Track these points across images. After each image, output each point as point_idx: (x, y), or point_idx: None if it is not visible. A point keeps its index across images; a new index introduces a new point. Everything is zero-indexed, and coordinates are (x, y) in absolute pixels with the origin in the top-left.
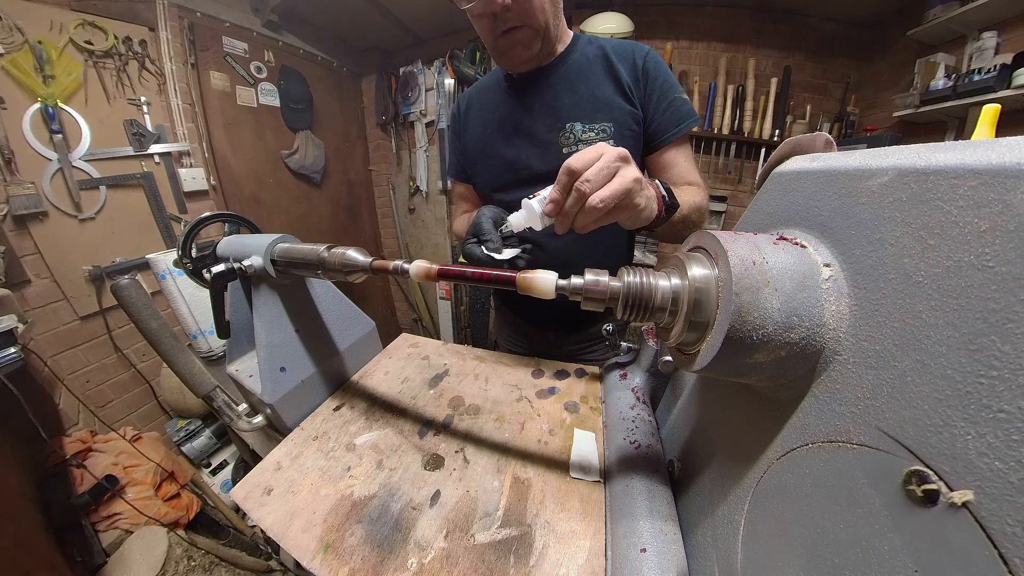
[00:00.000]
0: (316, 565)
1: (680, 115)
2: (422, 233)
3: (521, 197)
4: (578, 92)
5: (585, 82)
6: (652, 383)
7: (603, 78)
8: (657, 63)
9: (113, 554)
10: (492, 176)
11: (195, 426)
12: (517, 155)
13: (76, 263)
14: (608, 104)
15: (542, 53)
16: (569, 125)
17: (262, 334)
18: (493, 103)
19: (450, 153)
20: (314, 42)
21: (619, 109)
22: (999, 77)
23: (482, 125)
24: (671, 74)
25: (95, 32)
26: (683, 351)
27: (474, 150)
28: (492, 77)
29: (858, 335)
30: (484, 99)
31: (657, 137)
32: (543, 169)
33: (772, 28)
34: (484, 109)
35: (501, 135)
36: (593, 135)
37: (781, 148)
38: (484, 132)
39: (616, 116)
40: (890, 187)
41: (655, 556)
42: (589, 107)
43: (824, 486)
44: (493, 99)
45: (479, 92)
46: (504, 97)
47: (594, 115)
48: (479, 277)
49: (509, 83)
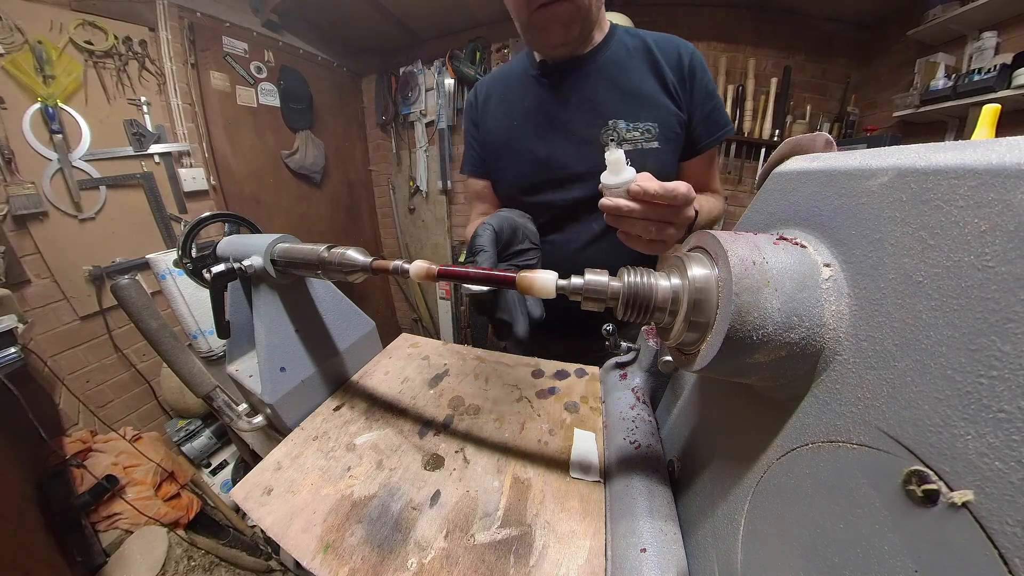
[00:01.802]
0: (316, 565)
1: (719, 124)
2: (422, 233)
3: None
4: (620, 86)
5: (627, 76)
6: (652, 383)
7: (646, 72)
8: (703, 64)
9: (113, 554)
10: (521, 174)
11: (195, 426)
12: (552, 152)
13: (76, 263)
14: (653, 102)
15: (580, 36)
16: (612, 122)
17: (262, 334)
18: (519, 92)
19: (466, 146)
20: (314, 42)
21: (664, 109)
22: (999, 77)
23: (506, 116)
24: (710, 75)
25: (95, 32)
26: (683, 351)
27: (497, 142)
28: (517, 64)
29: (858, 335)
30: (508, 87)
31: (695, 144)
32: (582, 169)
33: (772, 28)
34: (508, 98)
35: (532, 128)
36: (638, 135)
37: (781, 148)
38: (509, 123)
39: (661, 116)
40: (890, 187)
41: (655, 556)
42: (633, 104)
43: (824, 486)
44: (519, 88)
45: (501, 79)
46: (533, 86)
47: (638, 113)
48: (479, 277)
49: (542, 71)
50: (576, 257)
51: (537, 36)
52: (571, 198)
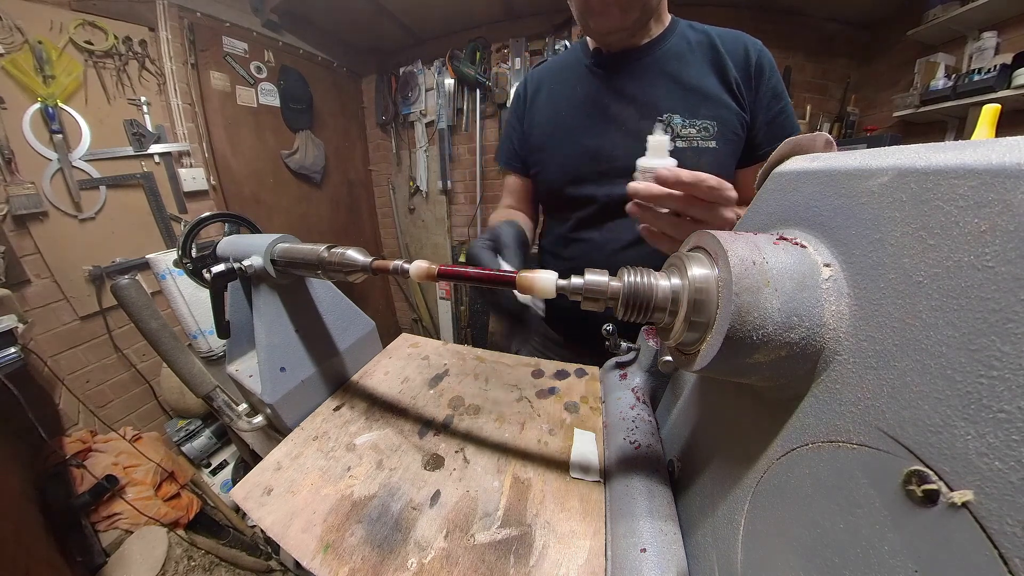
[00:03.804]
0: (316, 565)
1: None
2: (422, 233)
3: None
4: (678, 80)
5: (686, 70)
6: (652, 383)
7: (707, 68)
8: (771, 63)
9: (113, 554)
10: (568, 165)
11: (195, 426)
12: (601, 144)
13: (76, 263)
14: (713, 99)
15: (637, 23)
16: (667, 116)
17: (262, 334)
18: (570, 83)
19: (504, 136)
20: (314, 42)
21: (725, 107)
22: (999, 77)
23: (554, 107)
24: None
25: (95, 32)
26: (683, 351)
27: (542, 135)
28: (571, 54)
29: (858, 335)
30: (560, 78)
31: (755, 150)
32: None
33: (772, 28)
34: (559, 90)
35: (583, 119)
36: (694, 132)
37: (781, 148)
38: (557, 115)
39: (721, 114)
40: (890, 187)
41: (655, 556)
42: (691, 99)
43: (824, 486)
44: (571, 78)
45: (554, 71)
46: (586, 77)
47: (696, 109)
48: (479, 277)
49: (596, 60)
50: (614, 259)
51: (594, 20)
52: (615, 194)
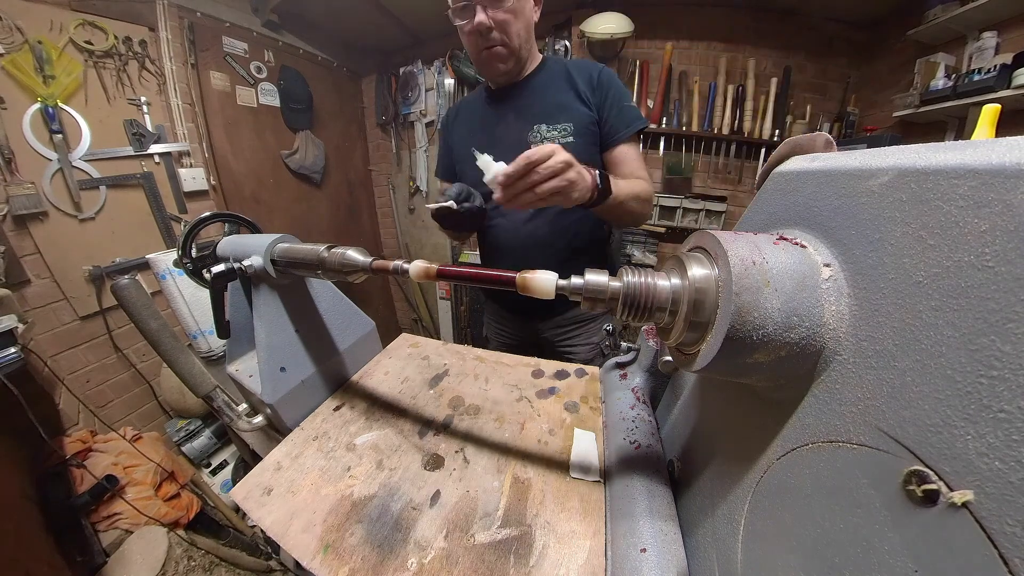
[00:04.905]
0: (316, 565)
1: (629, 118)
2: (422, 233)
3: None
4: (544, 100)
5: (551, 92)
6: (652, 383)
7: (564, 88)
8: (610, 76)
9: (113, 554)
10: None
11: (195, 426)
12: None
13: (76, 263)
14: (568, 108)
15: (514, 70)
16: (536, 126)
17: (262, 334)
18: (476, 112)
19: (441, 156)
20: (314, 42)
21: (577, 112)
22: (999, 77)
23: (467, 129)
24: (623, 87)
25: (95, 32)
26: (683, 351)
27: (460, 151)
28: (478, 92)
29: (858, 335)
30: (470, 108)
31: (611, 136)
32: None
33: (772, 28)
34: (469, 117)
35: (481, 137)
36: (556, 133)
37: (781, 148)
38: (468, 135)
39: (575, 117)
40: (890, 187)
41: (655, 556)
42: (553, 111)
43: (824, 486)
44: (477, 109)
45: (467, 102)
46: (483, 107)
47: (557, 117)
48: (478, 277)
49: (488, 94)
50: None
51: (484, 67)
52: None
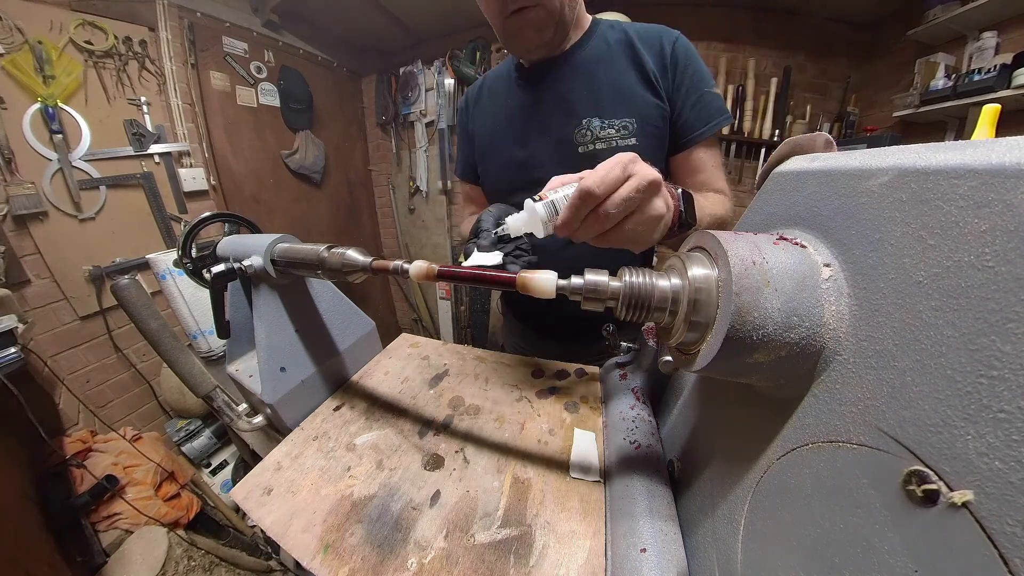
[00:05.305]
0: (316, 565)
1: (711, 111)
2: (422, 233)
3: None
4: (596, 83)
5: (605, 71)
6: (652, 383)
7: (626, 66)
8: (688, 50)
9: (113, 554)
10: (501, 177)
11: (195, 426)
12: (530, 154)
13: (76, 263)
14: (630, 95)
15: (555, 39)
16: (586, 121)
17: (262, 334)
18: (503, 94)
19: (458, 149)
20: (314, 42)
21: (643, 101)
22: (999, 77)
23: (491, 119)
24: (703, 63)
25: (95, 32)
26: (683, 351)
27: (483, 145)
28: (505, 65)
29: (858, 335)
30: (495, 89)
31: (684, 135)
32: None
33: (772, 28)
34: (494, 101)
35: (510, 131)
36: (613, 132)
37: (781, 148)
38: (493, 127)
39: (640, 110)
40: (890, 187)
41: (655, 556)
42: (609, 100)
43: (824, 486)
44: (503, 90)
45: (490, 82)
46: (514, 89)
47: (614, 109)
48: (478, 277)
49: (519, 73)
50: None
51: (511, 42)
52: None
